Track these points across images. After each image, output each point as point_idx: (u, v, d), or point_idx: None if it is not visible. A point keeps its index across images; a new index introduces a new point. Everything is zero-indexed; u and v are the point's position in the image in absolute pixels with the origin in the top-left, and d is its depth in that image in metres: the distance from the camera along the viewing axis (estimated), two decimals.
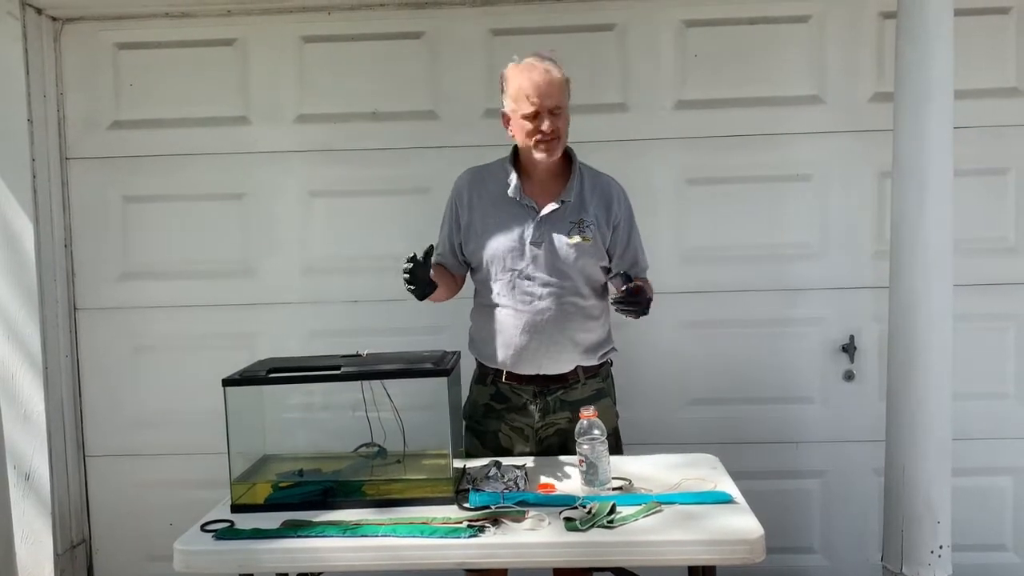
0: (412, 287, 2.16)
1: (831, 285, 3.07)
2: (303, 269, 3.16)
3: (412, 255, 2.12)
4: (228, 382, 2.07)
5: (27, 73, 2.99)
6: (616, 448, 2.42)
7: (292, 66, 3.12)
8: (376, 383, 2.13)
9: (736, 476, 2.18)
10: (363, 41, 3.10)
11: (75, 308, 3.19)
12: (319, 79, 3.12)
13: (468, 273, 2.48)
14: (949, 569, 2.49)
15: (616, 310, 2.22)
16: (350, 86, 3.11)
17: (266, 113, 3.13)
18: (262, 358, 2.32)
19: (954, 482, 2.52)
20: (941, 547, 2.47)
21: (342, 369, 2.08)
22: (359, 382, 2.12)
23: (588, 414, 2.06)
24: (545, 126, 2.24)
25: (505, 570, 2.45)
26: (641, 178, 2.73)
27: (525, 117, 2.25)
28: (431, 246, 2.19)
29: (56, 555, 3.07)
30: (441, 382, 2.08)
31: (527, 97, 2.23)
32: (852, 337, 3.07)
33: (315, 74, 3.12)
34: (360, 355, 2.23)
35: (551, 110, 2.24)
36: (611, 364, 2.50)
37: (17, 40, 2.97)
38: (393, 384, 2.13)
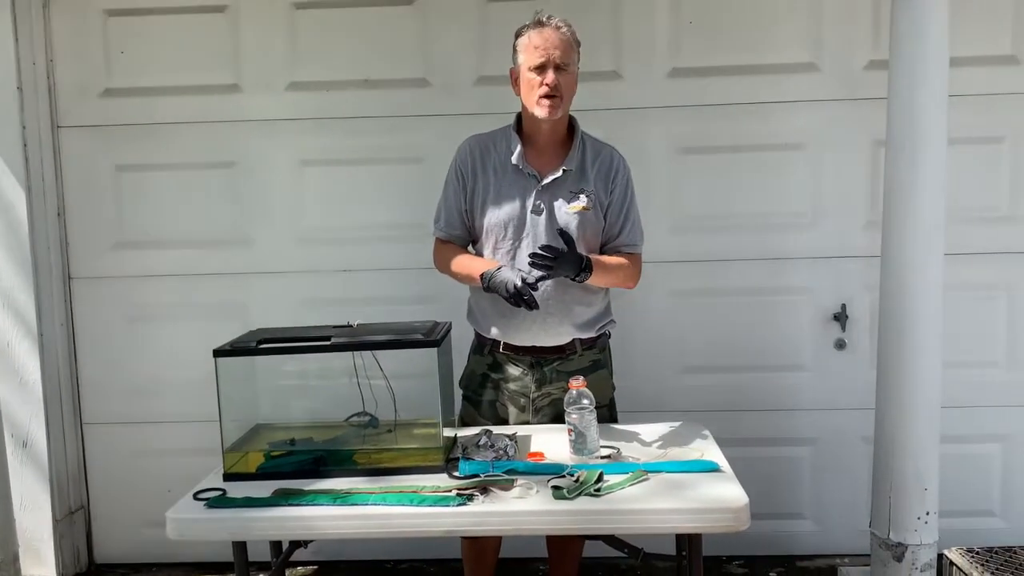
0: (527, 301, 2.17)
1: (824, 254, 3.07)
2: (296, 239, 3.15)
3: (525, 284, 2.15)
4: (219, 353, 2.09)
5: (16, 40, 2.96)
6: (611, 420, 2.44)
7: (283, 33, 3.08)
8: (367, 353, 2.14)
9: (728, 443, 2.20)
10: (355, 7, 3.06)
11: (69, 277, 3.19)
12: (311, 46, 3.08)
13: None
14: (935, 535, 2.52)
15: (529, 262, 2.18)
16: (342, 53, 3.08)
17: (257, 81, 3.11)
18: (255, 327, 2.33)
19: (942, 449, 2.53)
20: (928, 513, 2.50)
21: (332, 340, 2.10)
22: (351, 352, 2.13)
23: (577, 384, 2.07)
24: (549, 78, 2.23)
25: (499, 538, 2.48)
26: (634, 147, 2.71)
27: (532, 69, 2.25)
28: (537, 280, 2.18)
29: (55, 521, 3.11)
30: (431, 353, 2.09)
31: (535, 48, 2.24)
32: (844, 306, 3.08)
33: (307, 41, 3.08)
34: (351, 325, 2.24)
35: (557, 64, 2.24)
36: (609, 336, 2.51)
37: (5, 6, 2.93)
38: (384, 354, 2.14)
